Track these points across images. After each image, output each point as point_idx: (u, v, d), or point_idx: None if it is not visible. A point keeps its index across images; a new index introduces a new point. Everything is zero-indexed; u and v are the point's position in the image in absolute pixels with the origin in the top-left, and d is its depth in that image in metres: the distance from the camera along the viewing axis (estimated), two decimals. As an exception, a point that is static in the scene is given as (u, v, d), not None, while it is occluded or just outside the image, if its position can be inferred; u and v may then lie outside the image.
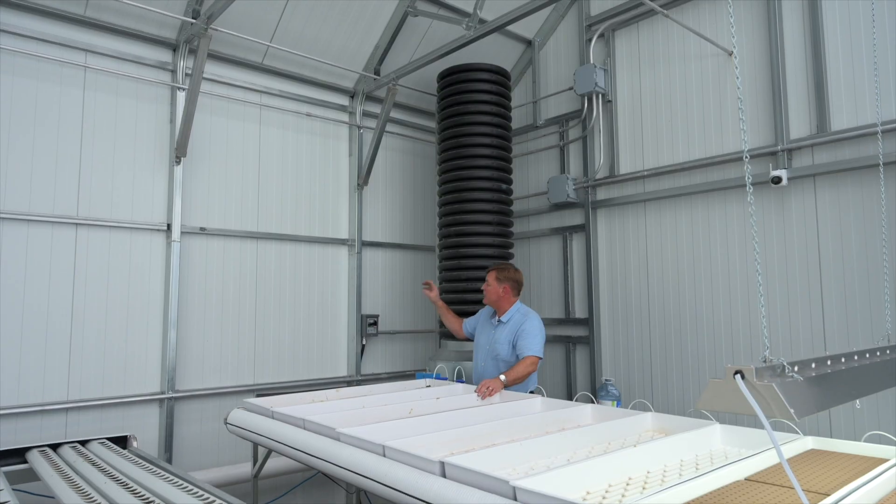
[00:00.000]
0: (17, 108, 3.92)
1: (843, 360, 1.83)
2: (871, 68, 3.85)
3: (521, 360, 3.78)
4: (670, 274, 4.84)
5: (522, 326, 3.90)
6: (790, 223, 4.20)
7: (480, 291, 4.32)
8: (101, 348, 4.14)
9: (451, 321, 4.58)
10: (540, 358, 3.80)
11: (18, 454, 3.24)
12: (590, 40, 5.42)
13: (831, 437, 2.55)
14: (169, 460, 4.29)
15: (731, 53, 4.51)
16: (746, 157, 1.92)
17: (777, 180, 4.09)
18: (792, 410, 1.34)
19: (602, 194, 5.38)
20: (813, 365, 1.64)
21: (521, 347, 3.83)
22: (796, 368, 1.54)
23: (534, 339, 3.82)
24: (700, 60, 4.73)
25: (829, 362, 1.73)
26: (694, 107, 4.76)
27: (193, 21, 4.31)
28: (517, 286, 4.11)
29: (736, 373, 1.41)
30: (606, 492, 1.96)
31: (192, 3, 4.37)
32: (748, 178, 1.89)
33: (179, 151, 4.44)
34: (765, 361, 1.50)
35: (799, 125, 4.20)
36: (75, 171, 4.12)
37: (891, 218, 3.71)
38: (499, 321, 4.06)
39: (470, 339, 4.44)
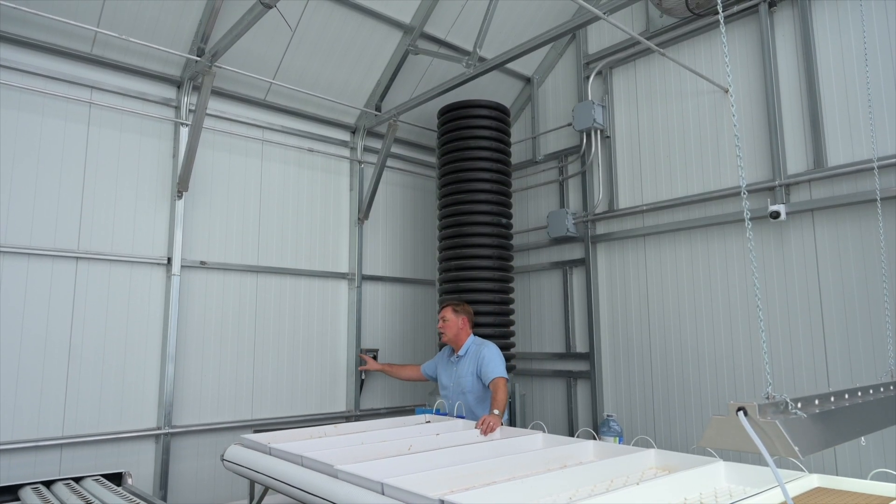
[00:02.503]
0: (22, 143, 3.97)
1: (846, 396, 1.82)
2: (865, 105, 3.91)
3: (492, 385, 3.83)
4: (671, 308, 4.83)
5: (481, 354, 4.03)
6: (790, 257, 4.21)
7: (479, 325, 4.33)
8: (98, 383, 4.11)
9: (406, 373, 4.71)
10: (507, 379, 3.91)
11: (10, 491, 3.18)
12: (588, 77, 5.52)
13: (837, 474, 2.51)
14: (164, 497, 4.21)
15: (727, 91, 4.59)
16: (744, 194, 1.94)
17: (776, 215, 4.12)
18: (796, 448, 1.32)
19: (601, 228, 5.40)
20: (816, 401, 1.63)
21: (486, 374, 3.93)
22: (800, 405, 1.52)
23: (497, 364, 3.96)
24: (696, 97, 4.81)
25: (832, 399, 1.72)
26: (691, 142, 4.82)
27: (198, 59, 4.40)
28: (472, 318, 4.27)
29: (739, 409, 1.40)
30: (609, 532, 1.92)
31: (197, 41, 4.47)
32: (746, 213, 1.91)
33: (181, 186, 4.48)
34: (768, 398, 1.49)
35: (796, 161, 4.24)
36: (77, 204, 4.15)
37: (890, 252, 3.73)
38: (457, 356, 4.16)
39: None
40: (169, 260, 4.47)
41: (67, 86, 4.15)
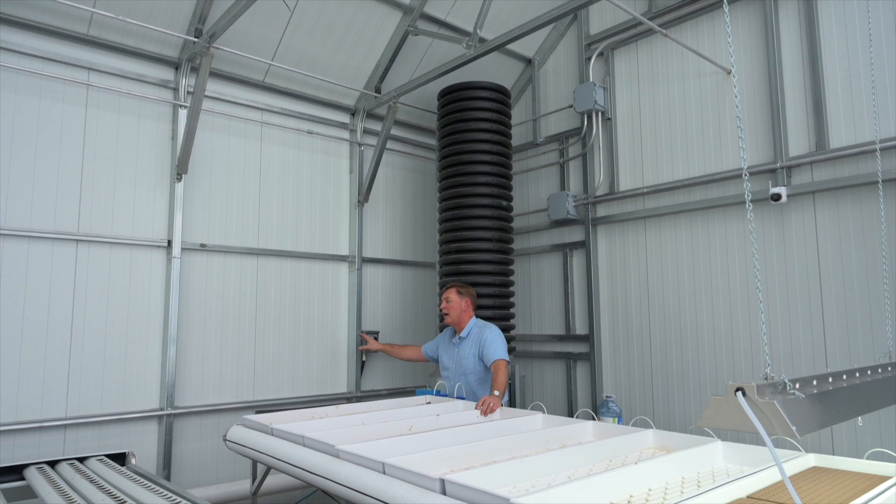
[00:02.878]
0: (19, 126, 3.95)
1: (844, 377, 1.83)
2: (868, 87, 3.88)
3: (493, 367, 3.87)
4: (671, 290, 4.84)
5: (483, 337, 4.06)
6: (790, 240, 4.21)
7: (479, 308, 4.35)
8: (101, 364, 4.13)
9: (407, 353, 4.76)
10: (508, 361, 3.95)
11: (16, 471, 3.22)
12: (589, 59, 5.47)
13: (833, 454, 2.54)
14: (167, 477, 4.26)
15: (729, 72, 4.55)
16: (745, 175, 1.94)
17: (776, 197, 4.11)
18: (794, 427, 1.34)
19: (602, 211, 5.40)
20: (814, 382, 1.64)
21: (488, 356, 3.96)
22: (798, 385, 1.53)
23: (499, 346, 4.00)
24: (699, 79, 4.77)
25: (830, 379, 1.73)
26: (693, 124, 4.80)
27: (196, 40, 4.36)
28: (475, 301, 4.29)
29: (737, 390, 1.41)
30: (608, 510, 1.94)
31: (195, 21, 4.43)
32: (747, 195, 1.91)
33: (181, 168, 4.46)
34: (766, 378, 1.50)
35: (798, 142, 4.23)
36: (76, 187, 4.14)
37: (890, 235, 3.73)
38: (459, 338, 4.19)
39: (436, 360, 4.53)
40: (169, 242, 4.47)
41: (64, 67, 4.12)
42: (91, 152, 4.22)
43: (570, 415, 5.29)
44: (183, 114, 4.55)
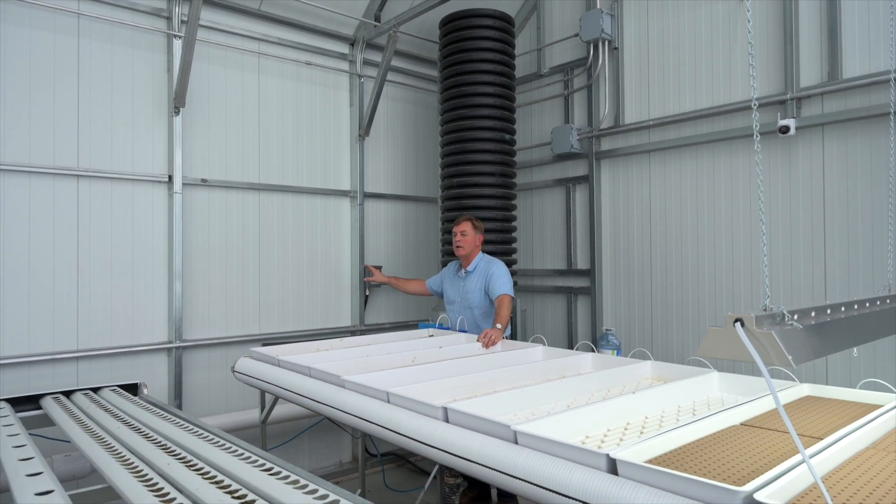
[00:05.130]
0: (11, 57, 3.84)
1: (843, 308, 1.84)
2: (886, 13, 3.73)
3: (497, 301, 3.94)
4: (673, 225, 4.83)
5: (490, 271, 4.12)
6: (796, 174, 4.16)
7: (483, 242, 4.37)
8: (108, 299, 4.19)
9: (412, 286, 4.81)
10: (512, 297, 4.02)
11: (33, 401, 3.32)
12: (597, -16, 5.25)
13: (827, 384, 2.60)
14: (179, 407, 4.39)
15: (742, -3, 4.37)
16: (754, 105, 1.89)
17: (785, 130, 4.03)
18: (790, 357, 1.35)
19: (606, 145, 5.32)
20: (813, 313, 1.65)
21: (493, 290, 4.03)
22: (796, 317, 1.55)
23: (504, 281, 4.07)
24: (710, 4, 4.59)
25: (828, 311, 1.74)
26: (702, 54, 4.65)
27: (188, -36, 4.18)
28: (483, 237, 4.34)
29: (736, 320, 1.42)
30: (605, 436, 2.01)
31: (186, -55, 4.23)
32: (755, 125, 1.87)
33: (178, 102, 4.38)
34: (765, 310, 1.51)
35: (810, 73, 4.10)
36: (73, 121, 4.07)
37: (898, 168, 3.67)
38: (466, 272, 4.23)
39: (440, 295, 4.58)
40: (170, 178, 4.44)
41: (53, -5, 3.98)
42: (86, 85, 4.13)
43: (571, 348, 5.39)
44: (178, 44, 4.42)
